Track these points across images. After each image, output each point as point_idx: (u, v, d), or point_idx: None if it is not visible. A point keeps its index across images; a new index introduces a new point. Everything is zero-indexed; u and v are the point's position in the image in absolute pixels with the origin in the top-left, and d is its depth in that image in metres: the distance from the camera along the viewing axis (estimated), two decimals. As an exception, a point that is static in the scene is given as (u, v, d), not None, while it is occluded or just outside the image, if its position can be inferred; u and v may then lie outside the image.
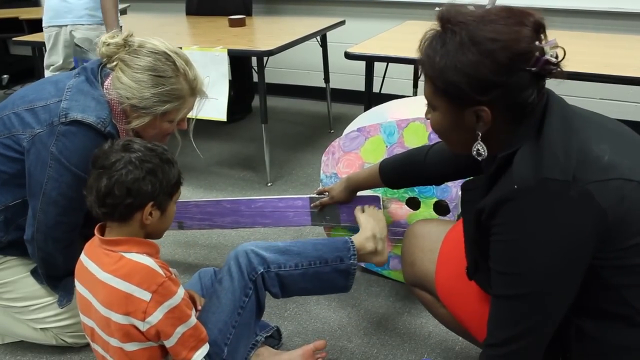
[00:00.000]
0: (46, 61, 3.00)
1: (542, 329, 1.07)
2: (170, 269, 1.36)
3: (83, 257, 1.39)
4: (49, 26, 2.81)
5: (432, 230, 1.54)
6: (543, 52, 1.00)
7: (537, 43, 1.00)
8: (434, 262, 1.45)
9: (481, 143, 1.09)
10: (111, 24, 2.66)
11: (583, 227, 0.99)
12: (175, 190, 1.37)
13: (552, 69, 1.01)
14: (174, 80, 1.53)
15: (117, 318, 1.29)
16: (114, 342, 1.32)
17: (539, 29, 1.01)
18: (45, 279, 1.71)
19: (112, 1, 2.65)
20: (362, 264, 2.14)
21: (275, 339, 1.83)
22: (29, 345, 1.88)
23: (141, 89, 1.51)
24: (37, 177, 1.56)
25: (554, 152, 1.00)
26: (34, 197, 1.58)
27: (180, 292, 1.32)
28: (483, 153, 1.10)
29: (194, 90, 1.59)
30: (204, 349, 1.36)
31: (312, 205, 2.01)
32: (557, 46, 1.01)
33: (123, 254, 1.31)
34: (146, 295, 1.27)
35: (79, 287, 1.39)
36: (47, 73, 3.01)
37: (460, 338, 1.84)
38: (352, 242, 1.64)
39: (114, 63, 1.55)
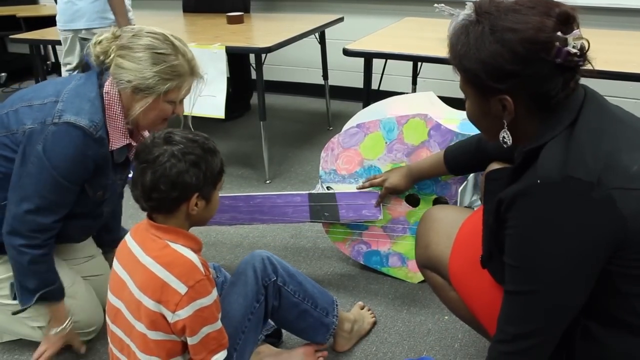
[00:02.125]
0: (62, 60, 3.02)
1: (551, 329, 1.07)
2: (210, 269, 1.37)
3: (128, 238, 1.39)
4: (64, 30, 2.84)
5: (450, 216, 1.54)
6: (565, 43, 0.99)
7: (559, 34, 0.99)
8: (449, 247, 1.46)
9: (507, 131, 1.10)
10: (122, 22, 2.66)
11: (600, 231, 0.98)
12: (219, 179, 1.37)
13: (577, 61, 1.00)
14: (173, 58, 1.54)
15: (149, 304, 1.29)
16: (139, 326, 1.33)
17: (566, 20, 1.01)
18: (17, 289, 1.63)
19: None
20: (361, 261, 2.14)
21: (275, 338, 1.82)
22: (27, 343, 1.87)
23: (142, 69, 1.52)
24: (18, 169, 1.55)
25: (583, 152, 0.99)
26: (12, 189, 1.57)
27: (214, 294, 1.33)
28: (508, 142, 1.11)
29: (192, 69, 1.60)
30: (222, 354, 1.36)
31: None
32: (581, 37, 1.00)
33: (169, 242, 1.32)
34: (182, 289, 1.27)
35: (116, 266, 1.40)
36: (64, 70, 3.03)
37: (459, 336, 1.84)
38: (337, 306, 1.72)
39: (111, 56, 1.55)
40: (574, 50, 0.99)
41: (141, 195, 1.30)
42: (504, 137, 1.11)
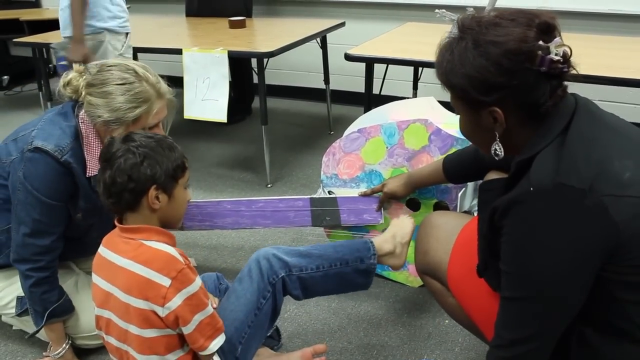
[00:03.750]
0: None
1: (547, 334, 1.07)
2: (189, 258, 1.39)
3: (101, 249, 1.41)
4: (64, 37, 2.84)
5: (449, 222, 1.55)
6: (548, 52, 1.00)
7: (541, 43, 1.00)
8: (447, 253, 1.47)
9: (499, 143, 1.11)
10: (75, 33, 2.61)
11: (592, 238, 0.99)
12: (180, 173, 1.39)
13: (561, 68, 1.02)
14: (137, 85, 1.58)
15: (137, 303, 1.31)
16: (133, 329, 1.34)
17: (547, 30, 1.02)
18: (31, 313, 1.70)
19: (78, 2, 2.62)
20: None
21: (275, 340, 1.83)
22: (30, 346, 1.88)
23: (110, 102, 1.57)
24: (12, 198, 1.64)
25: (575, 159, 1.00)
26: (12, 218, 1.65)
27: (198, 281, 1.35)
28: (500, 153, 1.12)
29: (159, 92, 1.63)
30: (220, 338, 1.38)
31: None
32: (562, 45, 1.02)
33: (143, 241, 1.34)
34: (166, 281, 1.29)
35: (96, 280, 1.41)
36: None
37: (460, 339, 1.85)
38: (371, 242, 1.67)
39: (82, 94, 1.61)
40: (557, 58, 1.01)
41: (103, 193, 1.35)
42: (495, 149, 1.12)
